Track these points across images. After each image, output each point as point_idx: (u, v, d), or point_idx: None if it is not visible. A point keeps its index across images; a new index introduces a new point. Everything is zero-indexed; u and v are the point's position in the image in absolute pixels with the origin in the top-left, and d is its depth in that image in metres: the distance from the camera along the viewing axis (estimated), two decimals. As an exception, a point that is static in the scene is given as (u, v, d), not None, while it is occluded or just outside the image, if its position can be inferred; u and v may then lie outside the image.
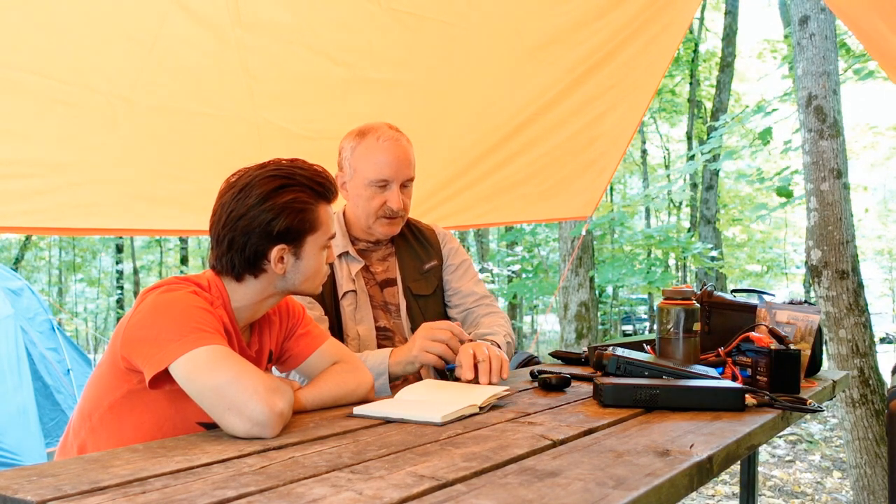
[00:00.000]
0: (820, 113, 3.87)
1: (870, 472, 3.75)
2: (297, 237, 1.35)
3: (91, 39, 2.06)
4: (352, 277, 1.87)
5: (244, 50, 2.28)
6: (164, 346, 1.16)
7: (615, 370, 1.54)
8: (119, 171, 2.45)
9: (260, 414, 1.10)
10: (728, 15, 10.83)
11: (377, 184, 1.80)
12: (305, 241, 1.36)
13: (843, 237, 3.79)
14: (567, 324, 7.10)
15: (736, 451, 1.11)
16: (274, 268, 1.34)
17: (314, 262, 1.39)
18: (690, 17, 3.30)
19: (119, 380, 1.28)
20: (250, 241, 1.32)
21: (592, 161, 3.60)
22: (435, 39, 2.61)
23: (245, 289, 1.37)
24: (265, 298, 1.39)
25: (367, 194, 1.82)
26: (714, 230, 10.41)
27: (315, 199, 1.36)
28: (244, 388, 1.12)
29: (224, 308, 1.34)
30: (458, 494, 0.80)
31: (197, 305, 1.24)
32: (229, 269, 1.35)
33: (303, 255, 1.37)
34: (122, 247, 16.28)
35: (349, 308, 1.85)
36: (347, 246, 1.90)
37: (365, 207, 1.84)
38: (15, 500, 0.78)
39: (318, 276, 1.42)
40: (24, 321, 5.20)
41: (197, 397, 1.15)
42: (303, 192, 1.34)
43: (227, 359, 1.16)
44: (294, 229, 1.34)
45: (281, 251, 1.34)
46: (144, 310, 1.22)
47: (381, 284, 1.93)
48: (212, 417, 1.15)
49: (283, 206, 1.32)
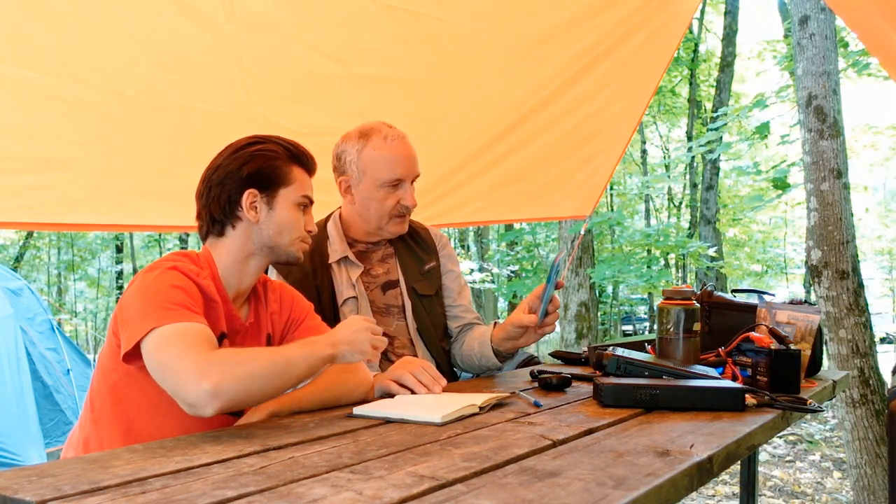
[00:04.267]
0: (820, 113, 3.87)
1: (870, 472, 3.75)
2: (267, 184, 1.42)
3: (86, 35, 2.07)
4: (352, 283, 1.84)
5: (238, 45, 2.28)
6: (135, 324, 1.21)
7: (615, 370, 1.54)
8: (114, 166, 2.46)
9: (190, 396, 1.13)
10: (728, 15, 10.83)
11: (391, 183, 1.80)
12: (278, 192, 1.43)
13: (843, 237, 3.79)
14: (567, 324, 7.11)
15: (736, 451, 1.11)
16: (247, 214, 1.41)
17: (287, 216, 1.44)
18: (689, 17, 3.29)
19: (116, 361, 1.31)
20: (224, 188, 1.41)
21: (589, 159, 3.59)
22: (429, 36, 2.60)
23: (227, 246, 1.43)
24: (247, 257, 1.44)
25: (380, 195, 1.81)
26: (714, 230, 10.41)
27: (286, 155, 1.44)
28: (178, 369, 1.15)
29: (213, 279, 1.39)
30: (458, 494, 0.79)
31: (175, 284, 1.28)
32: (210, 225, 1.44)
33: (275, 205, 1.43)
34: (121, 246, 16.27)
35: (350, 315, 1.82)
36: (346, 251, 1.86)
37: (378, 209, 1.82)
38: (15, 500, 0.78)
39: (294, 231, 1.46)
40: (24, 321, 5.20)
41: (154, 376, 1.20)
42: (274, 146, 1.44)
43: (180, 338, 1.18)
44: (263, 174, 1.41)
45: (252, 196, 1.41)
46: (131, 289, 1.29)
47: (383, 287, 1.90)
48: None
49: (252, 153, 1.42)
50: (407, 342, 1.88)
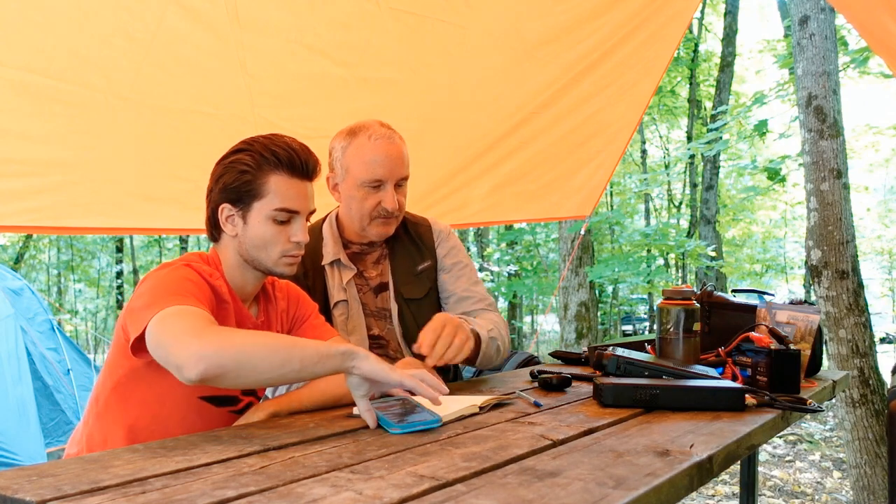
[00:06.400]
0: (820, 113, 3.87)
1: (870, 472, 3.75)
2: (239, 199, 1.38)
3: (90, 38, 2.07)
4: (343, 287, 1.82)
5: (242, 49, 2.28)
6: (143, 312, 1.20)
7: (615, 370, 1.54)
8: (117, 169, 2.46)
9: (180, 356, 1.09)
10: (728, 15, 10.83)
11: (371, 184, 1.74)
12: (251, 206, 1.38)
13: (843, 237, 3.79)
14: (567, 324, 7.11)
15: (736, 451, 1.11)
16: (224, 227, 1.40)
17: (260, 231, 1.38)
18: (689, 17, 3.30)
19: (123, 357, 1.31)
20: (209, 200, 1.41)
21: (589, 159, 3.60)
22: (433, 38, 2.61)
23: (224, 253, 1.43)
24: (242, 266, 1.43)
25: (360, 195, 1.76)
26: (714, 230, 10.41)
27: (261, 164, 1.36)
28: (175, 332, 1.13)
29: (223, 279, 1.40)
30: (458, 494, 0.79)
31: (187, 278, 1.28)
32: (209, 230, 1.44)
33: (249, 220, 1.39)
34: (121, 246, 16.27)
35: (340, 318, 1.80)
36: (339, 253, 1.84)
37: (358, 209, 1.78)
38: (15, 500, 0.78)
39: (273, 247, 1.39)
40: (24, 321, 5.21)
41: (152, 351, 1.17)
42: (249, 156, 1.37)
43: (183, 313, 1.16)
44: (233, 188, 1.37)
45: (226, 210, 1.39)
46: (142, 285, 1.28)
47: (376, 290, 1.87)
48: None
49: (227, 165, 1.39)
50: (397, 347, 1.85)
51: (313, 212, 1.45)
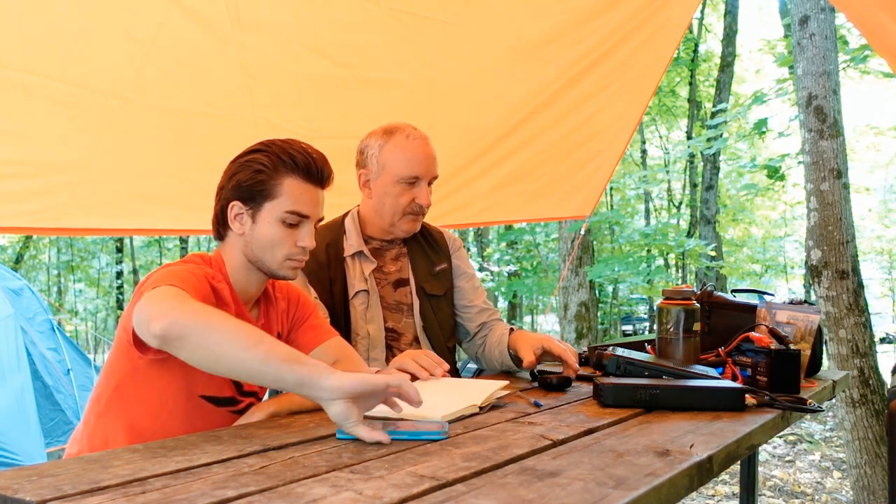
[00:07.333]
0: (820, 113, 3.87)
1: (870, 472, 3.75)
2: (251, 197, 1.38)
3: (90, 39, 2.06)
4: (364, 277, 1.89)
5: (243, 49, 2.28)
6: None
7: (615, 370, 1.54)
8: (118, 170, 2.45)
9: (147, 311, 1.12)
10: (728, 15, 10.82)
11: (408, 180, 1.84)
12: (262, 206, 1.38)
13: (843, 237, 3.79)
14: (567, 324, 7.10)
15: (736, 451, 1.11)
16: (232, 225, 1.40)
17: (269, 232, 1.38)
18: (689, 17, 3.30)
19: (124, 357, 1.31)
20: (220, 196, 1.41)
21: (589, 159, 3.60)
22: (433, 39, 2.61)
23: (229, 253, 1.43)
24: (246, 267, 1.42)
25: (395, 191, 1.85)
26: (714, 230, 10.40)
27: (278, 166, 1.37)
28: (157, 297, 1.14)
29: (226, 282, 1.40)
30: (458, 494, 0.79)
31: (188, 271, 1.29)
32: (215, 228, 1.44)
33: (258, 220, 1.39)
34: (121, 247, 16.27)
35: (360, 307, 1.86)
36: (361, 245, 1.91)
37: (393, 204, 1.87)
38: (15, 500, 0.78)
39: (279, 249, 1.39)
40: (24, 321, 5.21)
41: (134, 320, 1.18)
42: (266, 157, 1.38)
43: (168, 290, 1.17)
44: (246, 187, 1.38)
45: (236, 208, 1.39)
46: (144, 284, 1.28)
47: (394, 284, 1.94)
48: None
49: (243, 163, 1.39)
50: (413, 340, 1.92)
51: (321, 220, 1.47)
